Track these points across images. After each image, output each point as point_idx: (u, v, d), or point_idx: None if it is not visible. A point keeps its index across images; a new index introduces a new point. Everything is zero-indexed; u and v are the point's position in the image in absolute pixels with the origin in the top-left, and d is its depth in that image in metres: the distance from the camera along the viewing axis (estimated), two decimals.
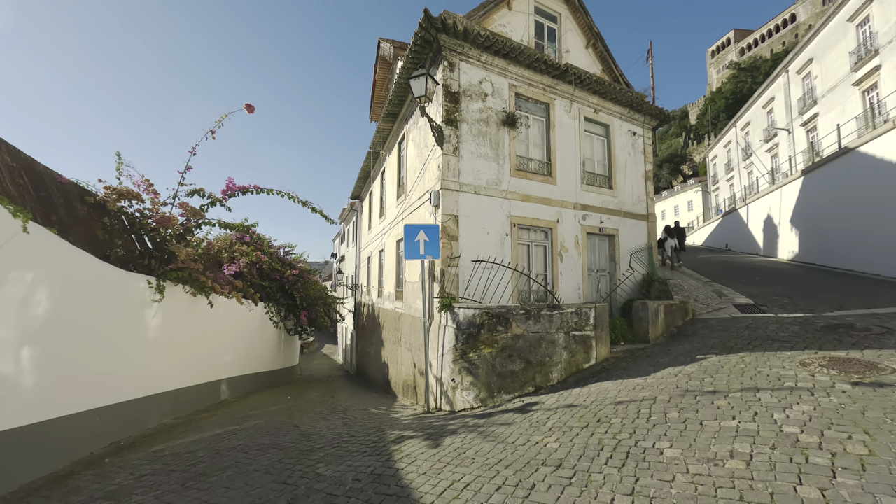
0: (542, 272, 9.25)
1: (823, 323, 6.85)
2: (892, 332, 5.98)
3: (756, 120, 32.75)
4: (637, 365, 6.35)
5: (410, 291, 9.81)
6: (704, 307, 9.37)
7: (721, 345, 6.54)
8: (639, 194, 11.54)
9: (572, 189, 9.89)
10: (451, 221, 7.73)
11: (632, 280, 10.48)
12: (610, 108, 10.99)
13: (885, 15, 18.40)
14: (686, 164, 70.08)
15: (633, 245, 11.00)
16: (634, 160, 11.60)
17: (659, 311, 8.10)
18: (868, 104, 19.72)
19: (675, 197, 54.84)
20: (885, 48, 18.43)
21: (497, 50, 8.54)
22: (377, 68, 13.31)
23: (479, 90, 8.55)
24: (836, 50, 22.01)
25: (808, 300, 8.97)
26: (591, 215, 10.21)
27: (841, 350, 5.45)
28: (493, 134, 8.61)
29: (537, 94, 9.48)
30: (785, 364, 5.13)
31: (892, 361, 4.80)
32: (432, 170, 8.40)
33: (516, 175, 8.85)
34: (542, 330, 6.43)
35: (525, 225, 8.91)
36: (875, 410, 3.54)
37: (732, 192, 36.22)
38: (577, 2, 10.83)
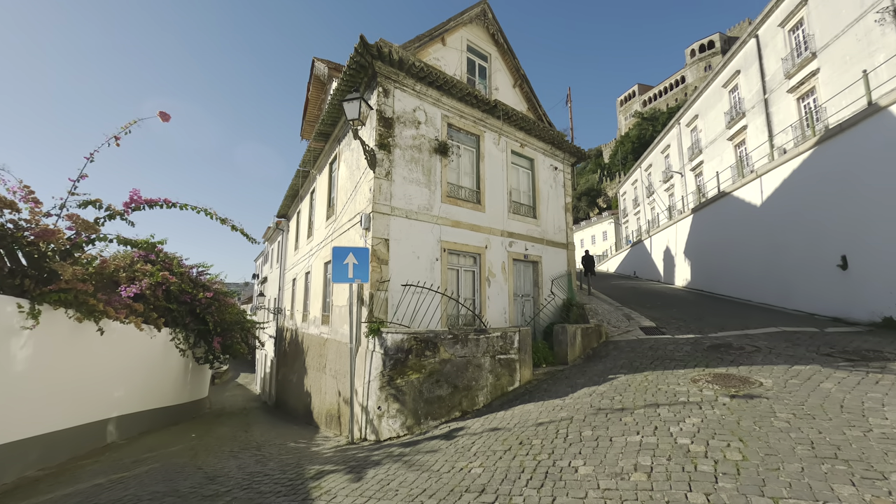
0: (470, 297, 9.48)
1: (709, 343, 7.82)
2: (759, 350, 7.00)
3: (656, 163, 37.33)
4: (557, 386, 6.69)
5: (337, 316, 9.46)
6: (616, 330, 10.23)
7: (629, 365, 7.16)
8: (560, 224, 12.44)
9: (500, 217, 10.39)
10: (381, 245, 7.68)
11: (553, 304, 11.14)
12: (534, 144, 11.87)
13: (749, 85, 22.33)
14: (601, 198, 77.21)
15: (554, 271, 11.76)
16: (556, 192, 12.56)
17: (577, 334, 8.67)
18: (738, 156, 23.51)
19: (592, 227, 59.89)
20: (750, 112, 22.25)
21: (431, 81, 8.87)
22: (310, 87, 13.09)
23: (412, 118, 8.76)
24: (714, 110, 26.11)
25: (697, 323, 10.20)
26: (517, 242, 10.77)
27: (722, 367, 6.25)
28: (425, 161, 8.82)
29: (468, 125, 9.96)
30: (679, 381, 5.75)
31: (759, 376, 5.60)
32: (364, 192, 8.35)
33: (447, 201, 9.10)
34: (469, 354, 6.54)
35: (455, 250, 9.13)
36: (747, 420, 4.09)
37: (639, 225, 40.54)
38: (505, 45, 11.71)
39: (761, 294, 13.21)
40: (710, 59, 69.27)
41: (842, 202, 9.54)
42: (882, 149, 8.39)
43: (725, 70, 24.74)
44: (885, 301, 8.26)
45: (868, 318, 8.67)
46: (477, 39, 11.32)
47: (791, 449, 3.37)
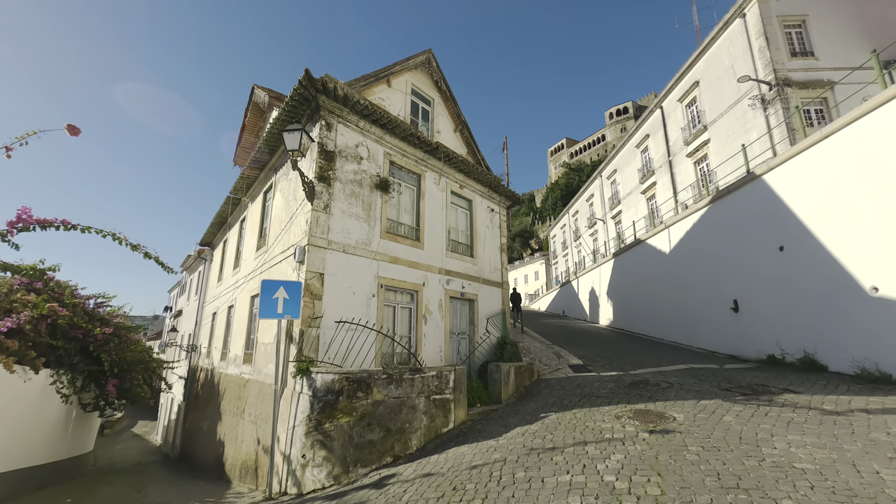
0: (406, 334, 9.32)
1: (630, 380, 8.35)
2: (672, 386, 7.61)
3: (582, 210, 40.64)
4: (491, 426, 6.67)
5: (262, 354, 8.76)
6: (547, 368, 10.57)
7: (559, 403, 7.37)
8: (495, 263, 12.88)
9: (438, 255, 10.53)
10: (315, 279, 7.38)
11: (488, 343, 11.29)
12: (473, 186, 12.40)
13: (657, 147, 25.54)
14: (533, 240, 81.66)
15: (489, 310, 12.01)
16: (492, 233, 13.08)
17: (510, 372, 8.82)
18: (650, 208, 26.41)
19: (525, 267, 62.71)
20: (658, 170, 25.31)
21: (375, 119, 9.04)
22: (248, 113, 12.68)
23: (355, 153, 8.79)
24: (630, 166, 29.37)
25: (619, 361, 10.90)
26: (454, 280, 10.93)
27: (641, 403, 6.67)
28: (366, 196, 8.80)
29: (410, 164, 10.18)
30: (605, 417, 6.02)
31: (673, 411, 6.06)
32: (300, 224, 8.06)
33: (386, 237, 9.07)
34: (403, 395, 6.34)
35: (392, 287, 9.02)
36: (664, 454, 4.36)
37: (567, 267, 43.21)
38: (447, 92, 12.38)
39: (671, 333, 14.53)
40: (625, 122, 78.60)
41: (732, 253, 11.02)
42: (759, 211, 9.95)
43: (638, 133, 28.17)
44: (768, 341, 9.51)
45: (756, 356, 9.89)
46: (421, 84, 11.85)
47: (701, 481, 3.62)
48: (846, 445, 4.30)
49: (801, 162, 8.76)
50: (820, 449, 4.24)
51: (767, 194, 9.65)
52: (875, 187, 7.16)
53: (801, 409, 5.73)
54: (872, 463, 3.82)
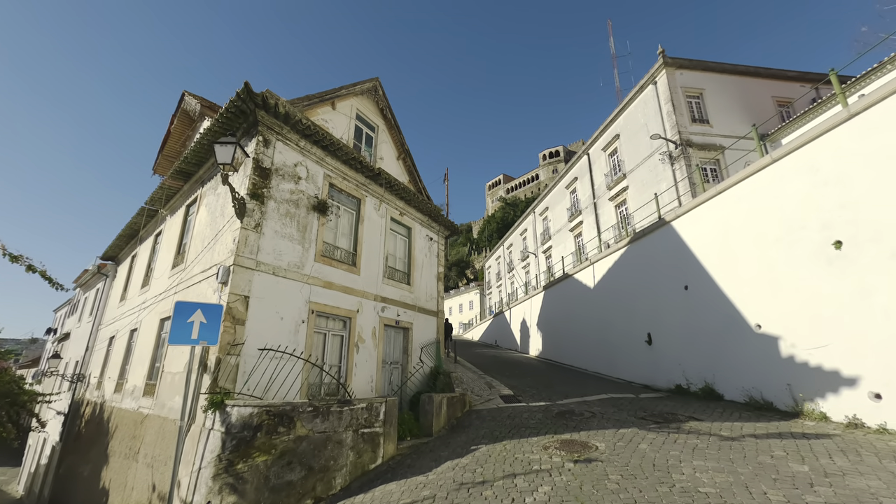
0: (336, 363, 8.87)
1: (557, 410, 8.63)
2: (595, 415, 7.99)
3: (516, 243, 42.52)
4: (421, 461, 6.45)
5: (168, 385, 7.81)
6: (479, 398, 10.59)
7: (490, 434, 7.38)
8: (431, 292, 12.89)
9: (374, 281, 10.32)
10: (239, 302, 6.82)
11: (421, 373, 11.10)
12: (413, 214, 12.48)
13: (584, 190, 27.77)
14: (469, 270, 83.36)
15: (424, 339, 11.89)
16: (430, 262, 13.15)
17: (443, 403, 8.70)
18: (577, 245, 28.39)
19: (460, 296, 63.49)
20: (585, 210, 27.43)
21: (317, 140, 8.86)
22: (175, 120, 11.78)
23: (293, 172, 8.48)
24: (560, 205, 31.54)
25: (548, 391, 11.26)
26: (390, 308, 10.72)
27: (567, 433, 6.90)
28: (301, 217, 8.46)
29: (351, 188, 10.04)
30: (533, 448, 6.12)
31: (595, 440, 6.33)
32: (226, 242, 7.49)
33: (321, 261, 8.73)
34: (329, 429, 5.96)
35: (324, 312, 8.62)
36: (588, 484, 4.50)
37: (501, 297, 44.47)
38: (392, 120, 12.55)
39: (595, 364, 15.40)
40: (557, 164, 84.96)
41: (647, 290, 12.12)
42: (668, 254, 11.13)
43: (567, 175, 30.51)
44: (676, 372, 10.45)
45: (666, 386, 10.78)
46: (367, 111, 11.91)
47: None
48: (740, 469, 4.77)
49: (700, 212, 10.03)
50: (719, 473, 4.65)
51: (675, 239, 10.85)
52: (756, 238, 8.37)
53: (704, 435, 6.28)
54: (761, 484, 4.26)
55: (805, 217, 7.40)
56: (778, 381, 7.68)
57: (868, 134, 6.55)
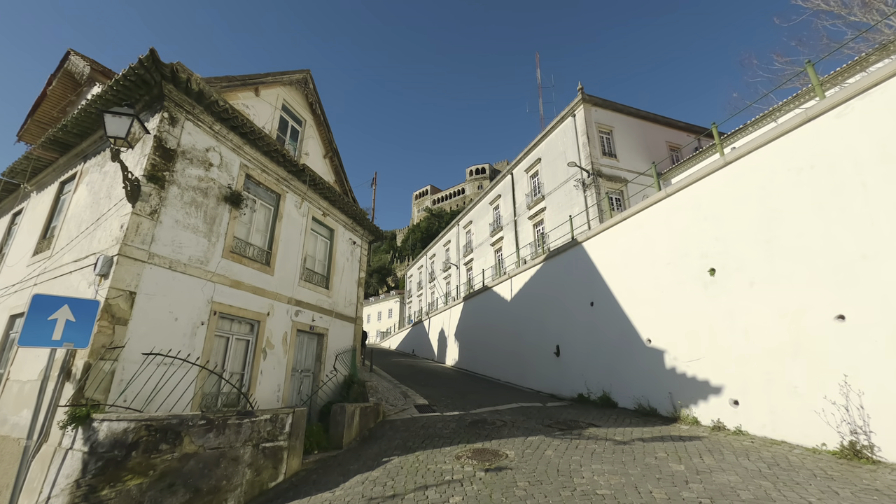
0: (239, 371, 8.07)
1: (470, 419, 8.76)
2: (506, 424, 8.25)
3: (439, 254, 43.09)
4: (328, 476, 6.07)
5: (13, 396, 6.44)
6: (393, 408, 10.36)
7: (403, 445, 7.22)
8: (351, 298, 12.44)
9: (290, 283, 9.66)
10: (122, 299, 5.88)
11: (334, 381, 10.58)
12: (337, 216, 11.98)
13: (506, 207, 29.15)
14: (391, 278, 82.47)
15: (340, 346, 11.38)
16: (351, 266, 12.70)
17: (355, 414, 8.34)
18: (497, 260, 29.62)
19: (380, 304, 62.40)
20: (506, 227, 28.77)
21: (235, 126, 8.11)
22: (54, 81, 9.99)
23: (203, 157, 7.64)
24: (483, 220, 32.72)
25: (462, 400, 11.41)
26: (305, 312, 10.10)
27: (479, 442, 7.01)
28: (210, 208, 7.63)
29: (270, 182, 9.34)
30: (446, 459, 6.10)
31: (506, 448, 6.52)
32: (111, 229, 6.46)
33: (230, 257, 7.94)
34: (224, 444, 5.35)
35: (229, 314, 7.82)
36: (497, 492, 4.58)
37: (421, 307, 44.55)
38: (321, 116, 12.02)
39: (507, 374, 16.04)
40: (482, 180, 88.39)
41: (558, 305, 12.99)
42: (578, 272, 12.08)
43: (491, 192, 31.83)
44: (579, 382, 11.29)
45: (570, 395, 11.59)
46: (294, 103, 11.26)
47: None
48: (631, 470, 5.23)
49: (607, 236, 11.06)
50: (614, 475, 5.05)
51: (584, 258, 11.82)
52: (651, 262, 9.45)
53: (601, 440, 6.81)
54: (647, 484, 4.70)
55: (688, 246, 8.53)
56: (662, 390, 8.67)
57: (735, 180, 7.79)
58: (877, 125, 5.90)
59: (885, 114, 5.83)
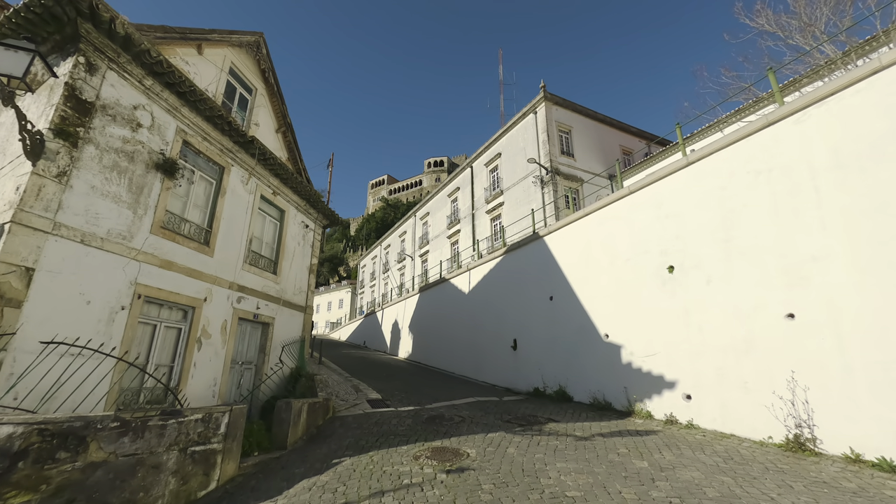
0: (168, 363, 7.11)
1: (427, 415, 8.38)
2: (464, 420, 7.95)
3: (394, 244, 42.24)
4: (269, 481, 5.43)
5: None
6: (344, 403, 9.74)
7: (355, 444, 6.68)
8: (301, 285, 11.57)
9: (232, 266, 8.71)
10: (15, 276, 4.84)
11: (280, 375, 9.75)
12: (289, 196, 11.04)
13: (464, 200, 28.96)
14: (343, 267, 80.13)
15: (287, 336, 10.53)
16: (303, 251, 11.81)
17: (303, 410, 7.66)
18: (453, 252, 29.41)
19: (331, 294, 60.38)
20: (463, 220, 28.60)
21: (170, 83, 7.05)
22: None
23: (130, 116, 6.56)
24: (441, 212, 32.34)
25: (417, 395, 11.00)
26: (249, 299, 9.19)
27: (438, 440, 6.64)
28: (138, 175, 6.58)
29: (213, 152, 8.31)
30: (403, 459, 5.66)
31: (466, 446, 6.19)
32: (4, 190, 5.32)
33: (161, 234, 6.93)
34: (143, 450, 4.55)
35: (158, 299, 6.84)
36: (461, 497, 4.22)
37: (373, 297, 43.52)
38: (275, 86, 10.98)
39: (462, 368, 15.83)
40: (440, 173, 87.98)
41: (517, 299, 12.90)
42: (538, 266, 12.04)
43: (450, 185, 31.50)
44: (535, 376, 11.28)
45: (526, 389, 11.56)
46: (244, 68, 10.16)
47: None
48: (596, 468, 5.08)
49: (569, 230, 11.06)
50: (581, 474, 4.86)
51: (545, 252, 11.78)
52: (611, 258, 9.52)
53: (562, 436, 6.68)
54: (616, 483, 4.55)
55: (649, 243, 8.65)
56: (617, 385, 8.77)
57: (697, 181, 7.95)
58: (831, 133, 6.14)
59: (840, 122, 6.08)
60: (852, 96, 6.04)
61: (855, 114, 5.95)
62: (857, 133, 5.88)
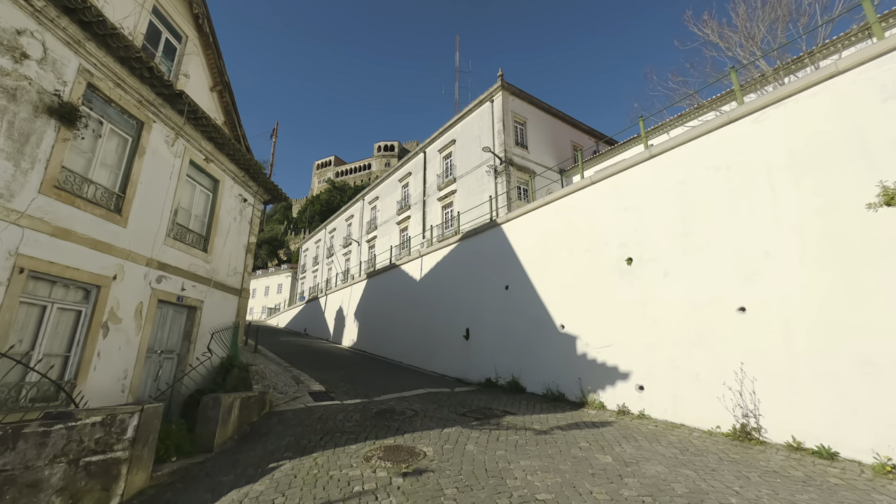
0: (62, 353, 5.86)
1: (376, 409, 7.78)
2: (417, 414, 7.46)
3: (340, 228, 40.47)
4: (190, 492, 4.58)
5: None
6: (283, 396, 8.84)
7: (296, 444, 5.94)
8: (237, 265, 10.36)
9: (151, 239, 7.45)
10: None
11: (208, 365, 8.62)
12: (224, 164, 9.74)
13: (416, 186, 28.21)
14: (283, 250, 75.91)
15: (218, 322, 9.36)
16: (239, 228, 10.56)
17: (234, 406, 6.73)
18: (402, 238, 28.64)
19: (269, 278, 56.95)
20: (414, 206, 27.88)
21: (71, 7, 5.68)
22: None
23: (12, 42, 5.18)
24: (391, 196, 31.33)
25: (364, 386, 10.34)
26: (172, 278, 7.96)
27: (390, 437, 6.09)
28: (21, 119, 5.24)
29: (129, 103, 6.96)
30: (353, 461, 5.06)
31: (422, 444, 5.71)
32: None
33: (54, 195, 5.62)
34: (15, 464, 3.54)
35: (49, 274, 5.56)
36: None
37: (316, 283, 41.57)
38: (210, 36, 9.56)
39: (411, 357, 15.31)
40: (391, 158, 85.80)
41: (471, 287, 12.56)
42: (495, 254, 11.77)
43: (402, 169, 30.54)
44: (488, 367, 11.05)
45: (478, 380, 11.31)
46: (173, 10, 8.69)
47: None
48: (561, 465, 4.83)
49: (527, 219, 10.86)
50: (547, 473, 4.57)
51: (503, 241, 11.51)
52: (570, 248, 9.44)
53: (521, 430, 6.42)
54: (584, 482, 4.31)
55: (608, 235, 8.64)
56: (572, 376, 8.74)
57: (658, 174, 8.00)
58: (788, 133, 6.33)
59: (796, 123, 6.27)
60: (808, 98, 6.24)
61: (811, 115, 6.16)
62: (811, 134, 6.09)
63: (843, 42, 11.70)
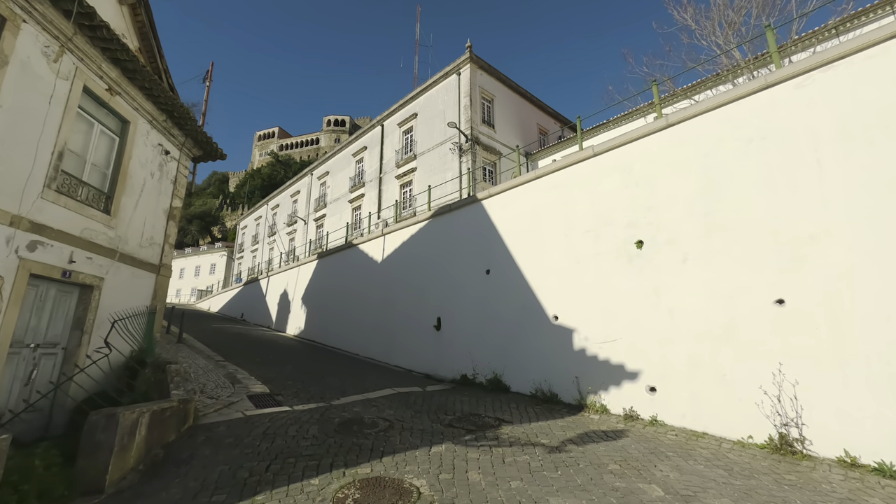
0: None
1: (338, 418, 6.16)
2: (392, 424, 5.96)
3: (284, 205, 37.11)
4: None
5: None
6: (213, 402, 6.91)
7: (231, 478, 4.23)
8: (154, 234, 8.13)
9: (17, 190, 5.23)
10: None
11: (107, 364, 6.45)
12: (137, 101, 7.43)
13: (371, 162, 26.09)
14: (217, 227, 69.51)
15: (125, 305, 7.17)
16: (159, 187, 8.28)
17: (140, 424, 4.83)
18: (355, 217, 26.47)
19: (200, 256, 51.71)
20: (369, 184, 25.78)
21: None
22: None
23: None
24: (343, 172, 28.87)
25: (318, 385, 8.62)
26: (53, 246, 5.76)
27: (365, 463, 4.57)
28: None
29: None
30: None
31: (410, 474, 4.27)
32: None
33: None
34: None
35: None
36: None
37: (256, 264, 37.99)
38: None
39: (369, 349, 13.60)
40: (341, 133, 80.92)
41: (444, 271, 11.08)
42: (473, 234, 10.40)
43: (356, 143, 28.15)
44: (464, 361, 9.72)
45: (451, 376, 9.96)
46: None
47: None
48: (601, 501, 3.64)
49: (515, 194, 9.53)
50: None
51: (484, 219, 10.13)
52: (566, 228, 8.31)
53: (527, 446, 5.18)
54: None
55: (613, 213, 7.58)
56: (567, 374, 7.66)
57: (676, 146, 7.01)
58: (838, 100, 5.51)
59: (849, 89, 5.46)
60: (864, 61, 5.44)
61: (866, 81, 5.36)
62: (865, 102, 5.30)
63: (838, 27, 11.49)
